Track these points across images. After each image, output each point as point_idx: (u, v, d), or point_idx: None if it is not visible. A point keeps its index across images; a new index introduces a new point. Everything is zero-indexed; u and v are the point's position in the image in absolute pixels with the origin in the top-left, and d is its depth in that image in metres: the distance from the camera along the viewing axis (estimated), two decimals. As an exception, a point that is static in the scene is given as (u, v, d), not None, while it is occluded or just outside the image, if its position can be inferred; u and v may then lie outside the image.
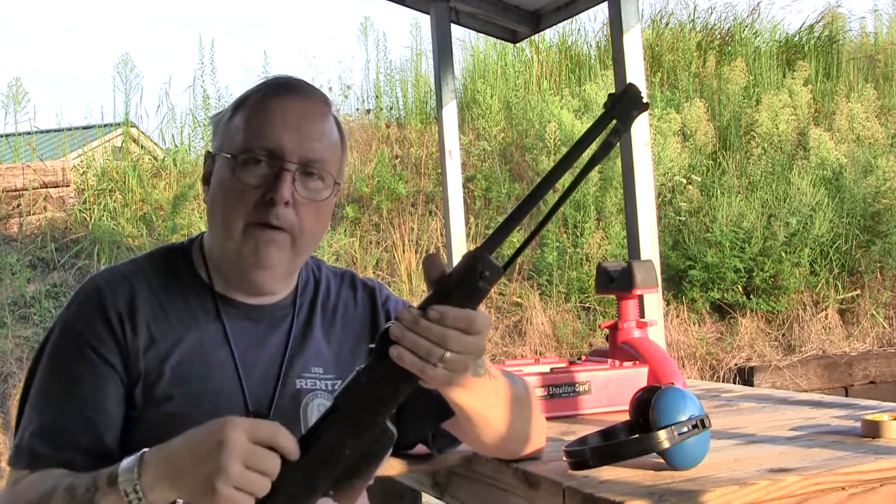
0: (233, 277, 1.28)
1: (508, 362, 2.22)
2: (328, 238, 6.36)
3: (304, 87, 1.30)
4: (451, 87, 3.68)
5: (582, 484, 1.35)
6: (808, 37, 8.44)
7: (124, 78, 7.61)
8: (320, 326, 1.34)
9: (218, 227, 1.26)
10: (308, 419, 1.27)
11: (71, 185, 6.55)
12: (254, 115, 1.25)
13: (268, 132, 1.23)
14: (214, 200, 1.27)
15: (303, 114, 1.26)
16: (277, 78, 1.31)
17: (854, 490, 1.35)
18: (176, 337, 1.24)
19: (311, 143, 1.25)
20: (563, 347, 5.61)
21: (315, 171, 1.25)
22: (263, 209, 1.22)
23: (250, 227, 1.22)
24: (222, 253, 1.27)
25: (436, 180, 6.62)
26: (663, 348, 2.34)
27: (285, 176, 1.22)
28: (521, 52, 8.00)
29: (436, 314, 0.98)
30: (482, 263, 0.99)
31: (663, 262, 5.15)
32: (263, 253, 1.23)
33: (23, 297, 5.68)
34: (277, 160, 1.23)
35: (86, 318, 1.24)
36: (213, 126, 1.33)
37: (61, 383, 1.22)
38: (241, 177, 1.23)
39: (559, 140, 6.48)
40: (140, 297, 1.25)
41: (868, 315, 5.79)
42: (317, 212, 1.26)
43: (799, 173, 6.20)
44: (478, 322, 1.00)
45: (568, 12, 3.52)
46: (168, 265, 1.32)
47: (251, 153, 1.23)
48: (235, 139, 1.25)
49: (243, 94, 1.31)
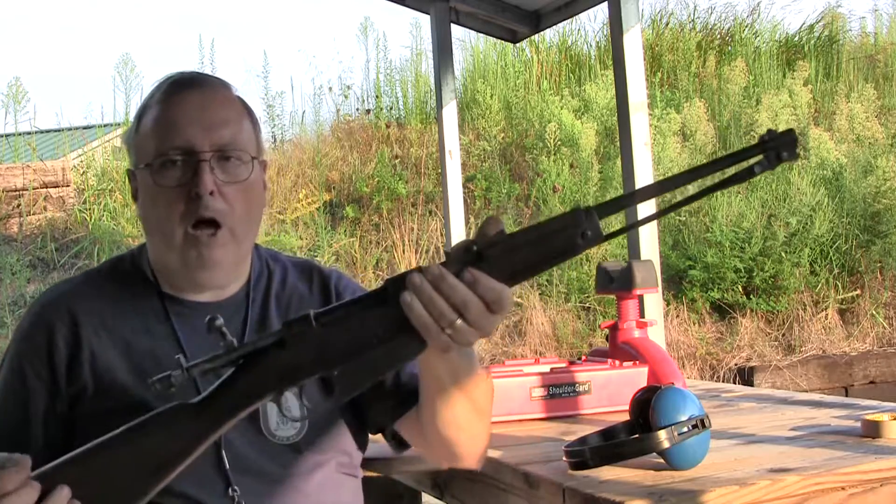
0: (182, 281, 1.29)
1: (508, 362, 2.22)
2: (328, 238, 6.36)
3: (200, 79, 1.32)
4: (451, 87, 3.68)
5: (582, 484, 1.35)
6: (808, 37, 8.44)
7: (124, 78, 7.62)
8: (276, 317, 1.34)
9: (156, 237, 1.28)
10: (268, 412, 1.27)
11: (71, 185, 6.55)
12: (157, 120, 1.26)
13: (175, 131, 1.24)
14: (146, 212, 1.28)
15: (203, 104, 1.27)
16: (170, 77, 1.32)
17: (854, 490, 1.35)
18: (124, 344, 1.25)
19: (219, 130, 1.25)
20: (563, 347, 5.62)
21: (231, 155, 1.26)
22: (192, 206, 1.22)
23: (188, 233, 1.23)
24: (166, 262, 1.28)
25: (436, 180, 6.62)
26: (663, 348, 2.34)
27: (203, 167, 1.22)
28: (521, 52, 8.00)
29: (471, 277, 0.93)
30: (590, 222, 0.92)
31: (663, 262, 5.15)
32: (207, 256, 1.24)
33: (23, 297, 5.69)
34: (191, 155, 1.23)
35: (29, 335, 1.27)
36: (126, 145, 1.34)
37: (9, 410, 1.25)
38: (162, 181, 1.24)
39: (559, 140, 6.48)
40: (87, 308, 1.27)
41: (868, 315, 5.79)
42: (245, 193, 1.26)
43: (799, 173, 6.20)
44: (506, 301, 0.95)
45: (568, 12, 3.52)
46: (116, 274, 1.33)
47: (165, 156, 1.24)
48: (147, 148, 1.26)
49: (142, 103, 1.32)
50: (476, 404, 1.20)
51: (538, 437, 1.81)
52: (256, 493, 1.24)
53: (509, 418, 1.97)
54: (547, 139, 6.52)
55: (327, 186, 6.95)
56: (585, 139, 6.41)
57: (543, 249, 0.93)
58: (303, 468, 1.27)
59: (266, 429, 1.27)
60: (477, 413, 1.22)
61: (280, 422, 1.27)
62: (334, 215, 6.74)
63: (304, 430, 1.28)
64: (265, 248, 1.42)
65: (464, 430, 1.23)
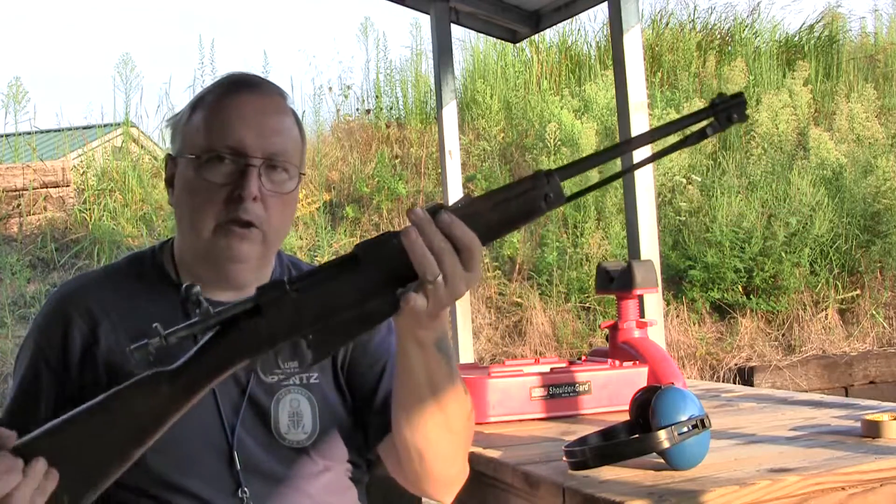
0: (206, 275, 1.28)
1: (508, 362, 2.22)
2: (328, 238, 6.36)
3: (260, 84, 1.32)
4: (451, 87, 3.68)
5: (582, 484, 1.35)
6: (808, 37, 8.44)
7: (124, 78, 7.62)
8: None
9: (188, 227, 1.27)
10: (280, 414, 1.28)
11: (71, 185, 6.55)
12: (212, 115, 1.26)
13: (229, 130, 1.24)
14: (181, 202, 1.28)
15: (261, 109, 1.27)
16: (232, 76, 1.32)
17: (854, 490, 1.35)
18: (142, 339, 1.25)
19: (273, 138, 1.26)
20: (563, 347, 5.61)
21: (279, 164, 1.26)
22: (232, 206, 1.22)
23: (220, 225, 1.23)
24: (194, 252, 1.28)
25: (436, 180, 6.62)
26: (663, 348, 2.34)
27: (251, 171, 1.23)
28: (521, 52, 8.00)
29: (447, 218, 0.94)
30: (552, 184, 0.95)
31: (663, 262, 5.15)
32: (236, 248, 1.24)
33: (23, 297, 5.69)
34: (241, 157, 1.23)
35: (45, 326, 1.27)
36: (172, 129, 1.34)
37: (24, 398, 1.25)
38: (207, 176, 1.24)
39: (559, 140, 6.48)
40: (105, 303, 1.27)
41: (868, 315, 5.79)
42: (283, 204, 1.27)
43: (799, 173, 6.20)
44: (476, 254, 0.95)
45: (568, 12, 3.52)
46: (135, 270, 1.33)
47: (214, 152, 1.24)
48: (196, 140, 1.26)
49: (199, 94, 1.32)
50: (449, 420, 1.18)
51: (538, 437, 1.81)
52: (264, 495, 1.24)
53: (509, 418, 1.97)
54: (547, 139, 6.52)
55: (327, 186, 6.95)
56: (585, 139, 6.41)
57: (509, 211, 0.96)
58: (311, 471, 1.28)
59: (277, 432, 1.27)
60: (448, 431, 1.20)
61: (291, 425, 1.28)
62: (334, 215, 6.74)
63: (315, 435, 1.29)
64: (287, 254, 1.42)
65: (432, 444, 1.20)
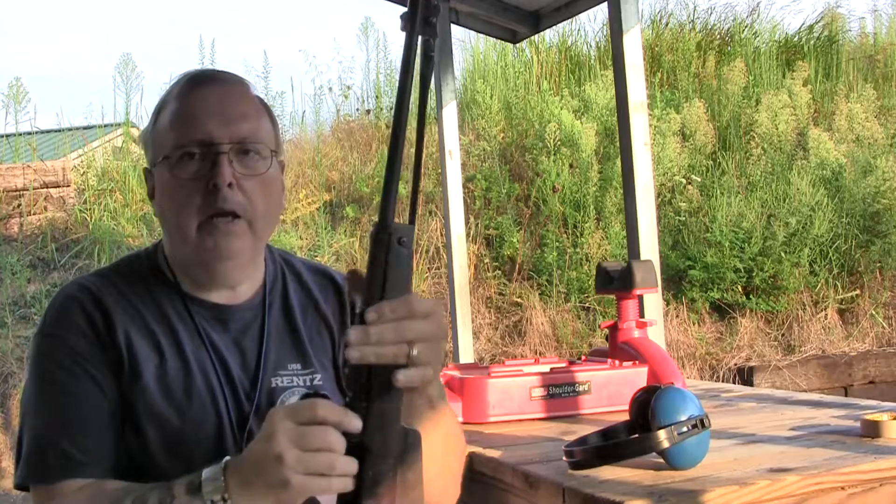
0: (199, 276, 1.28)
1: (508, 362, 2.22)
2: (328, 238, 6.36)
3: (219, 75, 1.32)
4: (451, 87, 3.69)
5: (582, 484, 1.36)
6: (807, 37, 8.44)
7: (125, 78, 7.62)
8: (294, 322, 1.34)
9: (174, 230, 1.27)
10: None
11: (71, 185, 6.55)
12: (177, 113, 1.26)
13: (195, 124, 1.24)
14: (163, 206, 1.27)
15: (223, 98, 1.27)
16: (189, 73, 1.32)
17: (854, 490, 1.35)
18: (154, 340, 1.25)
19: (239, 123, 1.25)
20: (563, 347, 5.62)
21: (250, 148, 1.26)
22: (211, 198, 1.22)
23: (204, 223, 1.22)
24: (183, 255, 1.28)
25: (436, 180, 6.62)
26: (663, 348, 2.35)
27: (221, 159, 1.22)
28: (521, 53, 8.00)
29: (374, 315, 0.93)
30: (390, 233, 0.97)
31: (663, 262, 5.16)
32: (224, 245, 1.23)
33: (23, 297, 5.69)
34: (210, 147, 1.23)
35: (64, 330, 1.24)
36: (143, 143, 1.34)
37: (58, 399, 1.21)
38: (180, 174, 1.23)
39: (559, 140, 6.49)
40: (112, 303, 1.26)
41: (868, 315, 5.79)
42: (263, 187, 1.26)
43: (798, 173, 6.20)
44: (415, 303, 0.95)
45: (568, 12, 3.52)
46: (134, 272, 1.32)
47: (183, 148, 1.23)
48: (166, 141, 1.26)
49: (160, 100, 1.31)
50: (452, 465, 1.17)
51: (538, 437, 1.81)
52: None
53: (509, 418, 1.98)
54: (547, 139, 6.52)
55: (327, 186, 6.95)
56: (585, 139, 6.41)
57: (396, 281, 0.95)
58: None
59: None
60: (453, 476, 1.18)
61: None
62: (334, 215, 6.75)
63: None
64: (277, 249, 1.42)
65: (437, 491, 1.15)
